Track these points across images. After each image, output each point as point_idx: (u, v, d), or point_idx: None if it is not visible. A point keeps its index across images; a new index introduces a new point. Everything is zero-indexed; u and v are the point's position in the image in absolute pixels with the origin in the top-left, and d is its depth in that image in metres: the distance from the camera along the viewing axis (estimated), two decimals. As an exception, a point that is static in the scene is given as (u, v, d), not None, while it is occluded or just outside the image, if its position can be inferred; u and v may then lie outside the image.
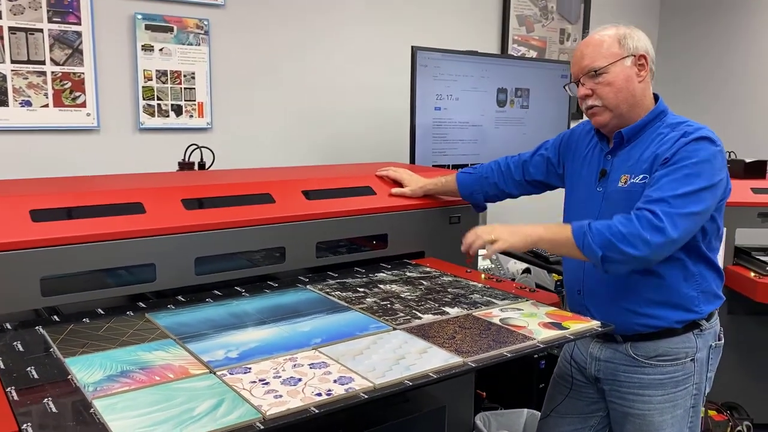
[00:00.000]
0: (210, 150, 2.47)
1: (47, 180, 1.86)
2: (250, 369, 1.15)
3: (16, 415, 0.99)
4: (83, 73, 2.54)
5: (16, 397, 1.05)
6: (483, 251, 1.60)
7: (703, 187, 1.49)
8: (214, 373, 1.14)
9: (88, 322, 1.40)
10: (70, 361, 1.18)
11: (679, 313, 1.64)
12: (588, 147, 1.78)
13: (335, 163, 2.99)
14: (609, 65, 1.62)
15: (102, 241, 1.46)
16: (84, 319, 1.41)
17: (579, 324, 1.40)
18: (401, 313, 1.45)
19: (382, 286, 1.66)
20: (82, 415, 1.00)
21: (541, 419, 1.97)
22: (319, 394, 1.05)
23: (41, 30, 2.45)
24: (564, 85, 1.79)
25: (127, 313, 1.46)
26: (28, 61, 2.44)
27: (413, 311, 1.47)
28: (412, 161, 2.82)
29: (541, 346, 1.30)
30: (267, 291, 1.64)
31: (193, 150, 2.42)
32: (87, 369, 1.14)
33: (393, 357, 1.20)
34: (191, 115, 2.80)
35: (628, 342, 1.69)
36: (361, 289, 1.64)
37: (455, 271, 1.84)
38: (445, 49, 2.91)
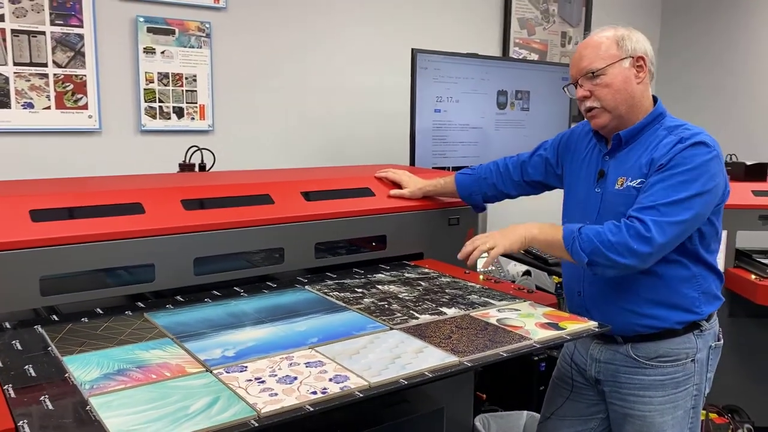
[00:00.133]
0: (211, 152, 2.48)
1: (47, 181, 1.87)
2: (246, 368, 1.15)
3: (13, 412, 1.00)
4: (85, 76, 2.56)
5: (13, 395, 1.06)
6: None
7: (695, 194, 1.50)
8: (211, 371, 1.14)
9: (87, 321, 1.41)
10: (68, 359, 1.19)
11: (680, 314, 1.64)
12: (587, 148, 1.78)
13: (336, 165, 2.99)
14: (607, 67, 1.62)
15: (101, 241, 1.46)
16: (83, 319, 1.42)
17: (576, 324, 1.40)
18: (398, 314, 1.45)
19: (380, 287, 1.67)
20: (78, 412, 1.00)
21: (540, 421, 1.96)
22: (315, 393, 1.05)
23: (44, 32, 2.46)
24: (563, 87, 1.79)
25: (126, 312, 1.47)
26: (31, 64, 2.45)
27: (410, 311, 1.47)
28: (412, 163, 2.82)
29: (538, 346, 1.30)
30: (265, 291, 1.64)
31: (194, 152, 2.43)
32: (84, 367, 1.15)
33: (389, 356, 1.20)
34: (193, 118, 2.81)
35: (628, 343, 1.69)
36: (359, 290, 1.64)
37: (454, 272, 1.84)
38: (445, 51, 2.92)
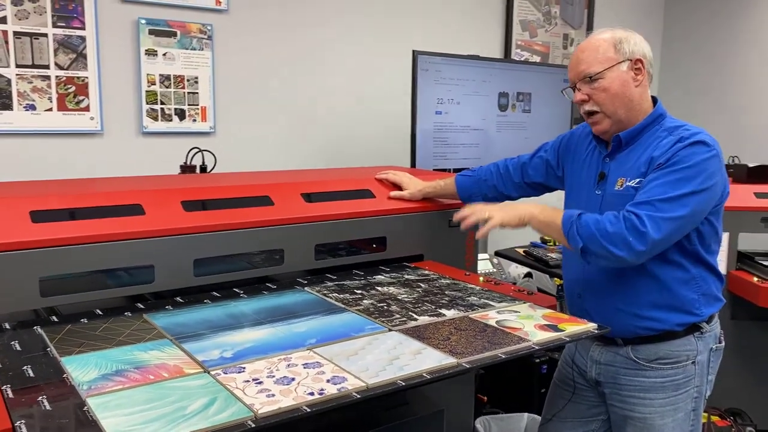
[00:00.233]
0: (212, 153, 2.48)
1: (47, 182, 1.88)
2: (244, 368, 1.15)
3: (11, 412, 1.00)
4: (87, 78, 2.56)
5: (11, 396, 1.06)
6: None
7: (691, 192, 1.49)
8: (209, 372, 1.14)
9: (86, 322, 1.41)
10: (66, 360, 1.19)
11: (680, 316, 1.63)
12: (587, 150, 1.78)
13: (337, 166, 2.99)
14: (605, 71, 1.61)
15: (101, 242, 1.46)
16: (82, 320, 1.42)
17: (575, 326, 1.39)
18: (397, 315, 1.45)
19: (379, 288, 1.66)
20: (76, 413, 1.00)
21: (541, 423, 1.96)
22: (312, 394, 1.05)
23: (46, 34, 2.47)
24: (561, 90, 1.79)
25: (125, 313, 1.47)
26: (33, 66, 2.46)
27: (409, 313, 1.47)
28: (413, 165, 2.83)
29: (536, 347, 1.29)
30: (265, 292, 1.64)
31: (195, 153, 2.43)
32: (82, 368, 1.15)
33: (387, 357, 1.20)
34: (194, 119, 2.81)
35: (628, 345, 1.69)
36: (359, 291, 1.64)
37: (454, 274, 1.83)
38: (446, 53, 2.92)
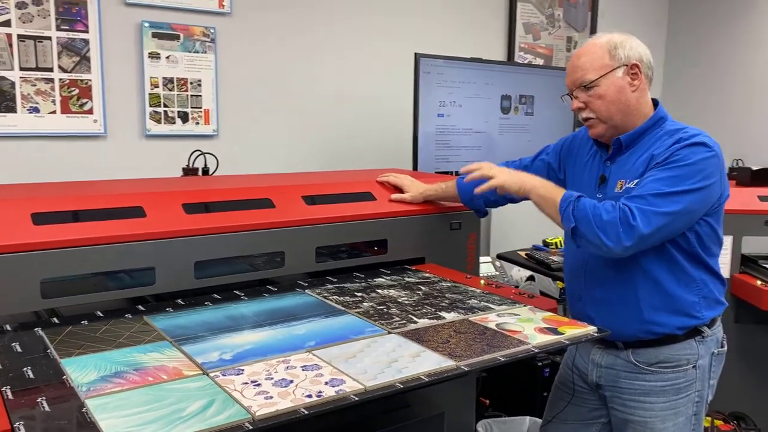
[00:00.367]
0: (214, 156, 2.49)
1: (49, 184, 1.89)
2: (243, 371, 1.15)
3: (10, 414, 1.00)
4: (90, 80, 2.58)
5: (11, 397, 1.06)
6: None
7: (686, 190, 1.49)
8: (207, 374, 1.14)
9: (87, 324, 1.41)
10: (66, 362, 1.19)
11: (681, 319, 1.63)
12: (589, 153, 1.78)
13: (340, 169, 3.00)
14: (600, 78, 1.61)
15: (102, 245, 1.47)
16: (83, 321, 1.42)
17: (575, 329, 1.39)
18: (397, 318, 1.45)
19: (380, 291, 1.67)
20: (74, 414, 1.01)
21: (542, 425, 1.96)
22: (310, 396, 1.05)
23: (49, 38, 2.48)
24: (561, 96, 1.79)
25: (126, 315, 1.47)
26: (37, 68, 2.48)
27: (409, 315, 1.46)
28: (415, 168, 2.83)
29: (536, 350, 1.29)
30: (266, 295, 1.64)
31: (198, 156, 2.44)
32: (82, 370, 1.16)
33: (386, 360, 1.20)
34: (197, 122, 2.82)
35: (629, 348, 1.68)
36: (359, 294, 1.64)
37: (455, 277, 1.83)
38: (448, 56, 2.92)
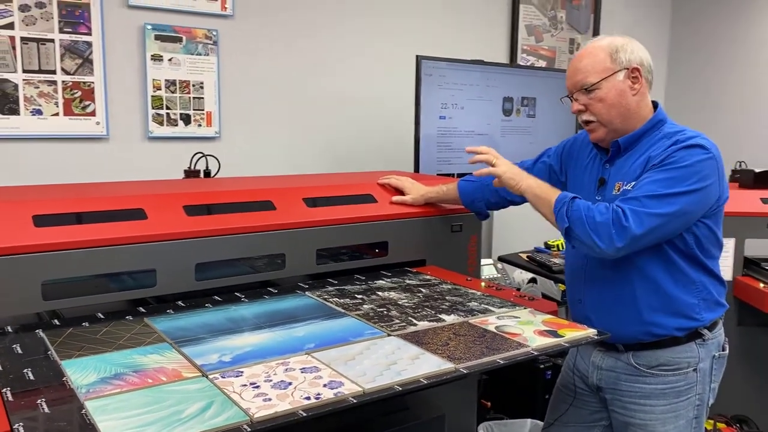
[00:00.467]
0: (215, 158, 2.49)
1: (51, 186, 1.89)
2: (242, 373, 1.16)
3: (10, 415, 1.01)
4: (93, 83, 2.59)
5: (11, 398, 1.07)
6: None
7: (681, 192, 1.49)
8: (207, 376, 1.15)
9: (88, 326, 1.42)
10: (66, 363, 1.20)
11: (680, 321, 1.63)
12: (589, 156, 1.78)
13: (341, 171, 3.00)
14: (601, 81, 1.61)
15: (103, 247, 1.48)
16: (84, 323, 1.43)
17: (575, 332, 1.39)
18: (397, 320, 1.45)
19: (380, 293, 1.67)
20: (74, 415, 1.01)
21: (544, 428, 1.96)
22: (308, 398, 1.05)
23: (52, 40, 2.49)
24: (561, 98, 1.79)
25: (127, 317, 1.47)
26: (40, 71, 2.49)
27: (409, 318, 1.47)
28: (417, 170, 2.83)
29: (535, 353, 1.29)
30: (266, 297, 1.65)
31: (199, 158, 2.45)
32: (82, 371, 1.16)
33: (385, 362, 1.20)
34: (200, 124, 2.83)
35: (629, 351, 1.68)
36: (359, 296, 1.64)
37: (455, 279, 1.83)
38: (450, 58, 2.92)
